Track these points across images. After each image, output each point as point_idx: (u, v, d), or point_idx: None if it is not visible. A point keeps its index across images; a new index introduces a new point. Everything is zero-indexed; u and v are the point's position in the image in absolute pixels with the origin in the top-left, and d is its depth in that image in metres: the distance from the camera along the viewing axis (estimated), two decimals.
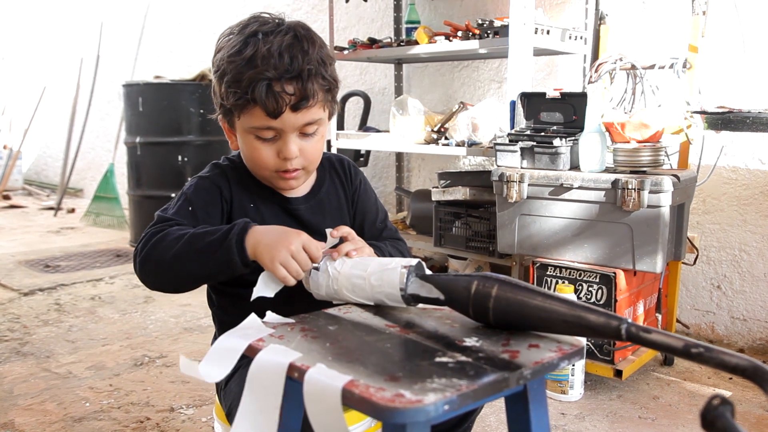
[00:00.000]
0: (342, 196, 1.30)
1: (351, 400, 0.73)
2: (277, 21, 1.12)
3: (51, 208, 5.74)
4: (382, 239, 1.31)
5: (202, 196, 1.17)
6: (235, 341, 0.90)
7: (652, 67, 2.40)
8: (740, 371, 0.71)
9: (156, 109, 4.16)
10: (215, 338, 1.30)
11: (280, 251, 1.01)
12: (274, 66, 1.05)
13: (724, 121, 2.03)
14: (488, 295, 0.90)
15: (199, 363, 0.88)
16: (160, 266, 1.07)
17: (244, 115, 1.10)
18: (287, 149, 1.11)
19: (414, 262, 1.01)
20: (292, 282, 1.03)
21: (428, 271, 1.05)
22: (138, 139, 4.18)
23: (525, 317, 0.89)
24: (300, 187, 1.24)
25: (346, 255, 1.06)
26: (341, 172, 1.32)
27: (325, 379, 0.76)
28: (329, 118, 1.18)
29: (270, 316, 0.99)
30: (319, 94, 1.10)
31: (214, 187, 1.18)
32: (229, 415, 1.15)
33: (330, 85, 1.13)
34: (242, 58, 1.07)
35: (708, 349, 0.74)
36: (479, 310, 0.92)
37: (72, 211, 5.68)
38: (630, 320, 0.83)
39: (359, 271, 1.03)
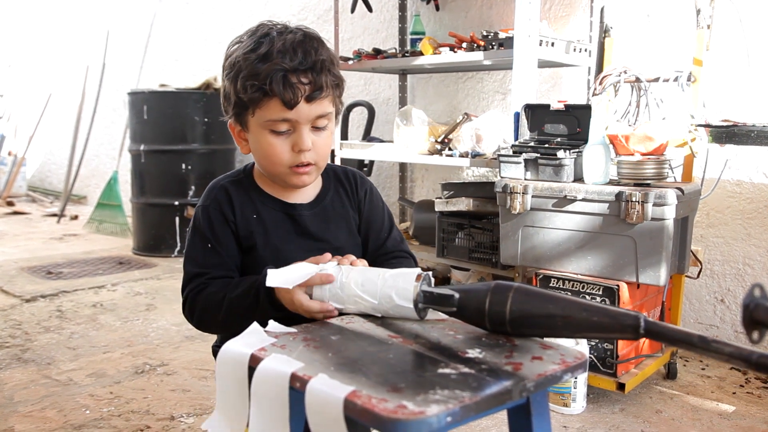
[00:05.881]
0: (348, 205, 1.33)
1: (353, 410, 0.73)
2: (285, 24, 1.20)
3: (54, 215, 5.75)
4: (385, 251, 1.33)
5: (214, 227, 1.23)
6: (239, 349, 0.89)
7: (656, 80, 2.40)
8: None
9: (160, 117, 4.18)
10: (215, 346, 1.30)
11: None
12: (289, 58, 1.12)
13: (728, 134, 2.03)
14: (505, 302, 0.92)
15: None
16: (214, 329, 1.24)
17: (260, 109, 1.15)
18: (302, 141, 1.16)
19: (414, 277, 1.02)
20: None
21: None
22: (142, 147, 4.20)
23: (542, 323, 0.91)
24: (305, 194, 1.28)
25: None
26: (346, 184, 1.34)
27: (328, 390, 0.76)
28: (336, 116, 1.24)
29: (272, 325, 0.99)
30: (330, 87, 1.16)
31: (218, 213, 1.23)
32: None
33: (338, 80, 1.20)
34: (257, 54, 1.13)
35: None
36: (495, 318, 0.93)
37: (75, 218, 5.69)
38: (644, 316, 0.85)
39: (369, 297, 1.04)
